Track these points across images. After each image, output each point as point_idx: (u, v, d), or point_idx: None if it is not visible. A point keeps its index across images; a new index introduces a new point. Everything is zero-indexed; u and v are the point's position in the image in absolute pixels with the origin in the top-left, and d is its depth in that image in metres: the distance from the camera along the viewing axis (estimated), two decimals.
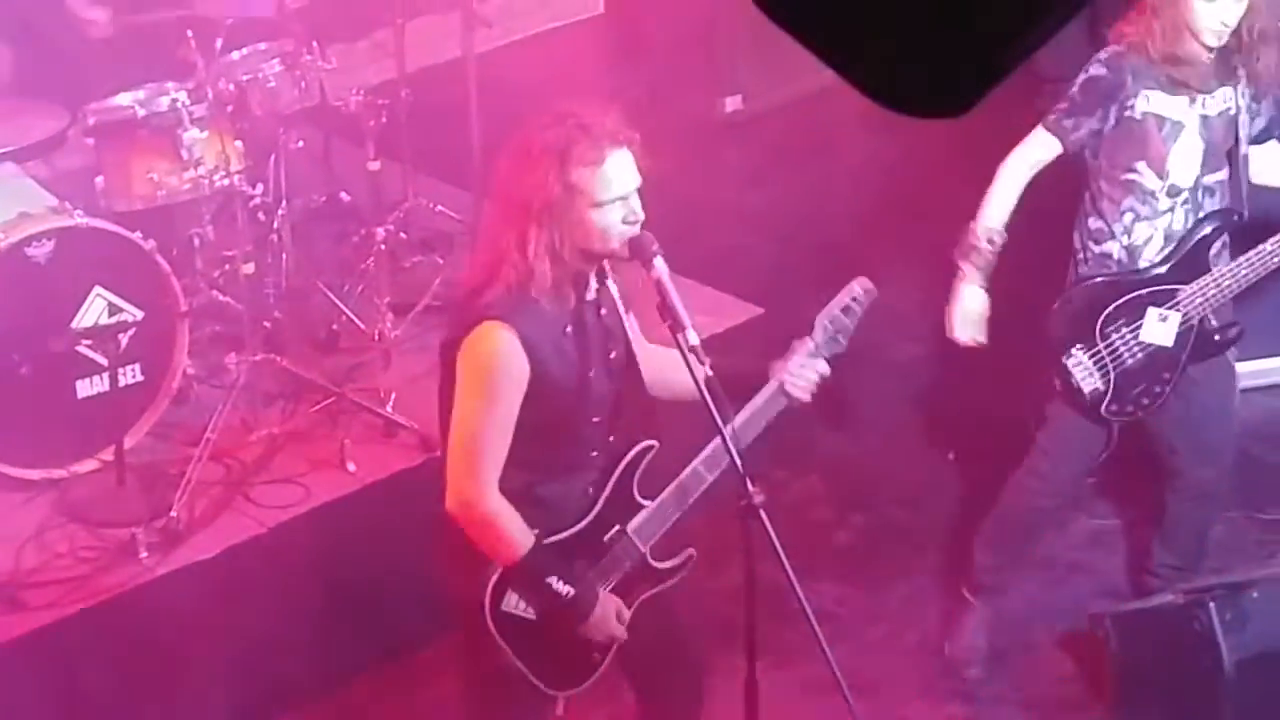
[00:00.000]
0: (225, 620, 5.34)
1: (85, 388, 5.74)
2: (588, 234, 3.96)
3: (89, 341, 5.69)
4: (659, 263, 3.97)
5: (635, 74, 7.53)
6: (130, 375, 5.79)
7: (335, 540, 5.63)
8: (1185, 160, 4.96)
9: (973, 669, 5.40)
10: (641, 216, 4.00)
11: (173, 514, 5.54)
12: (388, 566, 5.48)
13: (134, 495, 5.61)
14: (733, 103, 8.32)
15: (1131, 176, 4.97)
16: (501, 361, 3.97)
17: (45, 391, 5.64)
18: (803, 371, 4.14)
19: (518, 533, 4.03)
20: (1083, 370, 5.06)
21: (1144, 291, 5.03)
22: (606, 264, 4.11)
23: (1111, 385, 5.06)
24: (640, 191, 4.01)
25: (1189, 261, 5.01)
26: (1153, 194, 4.97)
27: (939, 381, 6.52)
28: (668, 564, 4.27)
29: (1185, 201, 4.99)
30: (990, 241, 4.99)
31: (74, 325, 5.67)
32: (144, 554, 5.47)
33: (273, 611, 5.37)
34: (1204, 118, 4.95)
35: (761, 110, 8.22)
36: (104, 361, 5.71)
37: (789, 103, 8.10)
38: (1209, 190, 5.01)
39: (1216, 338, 5.10)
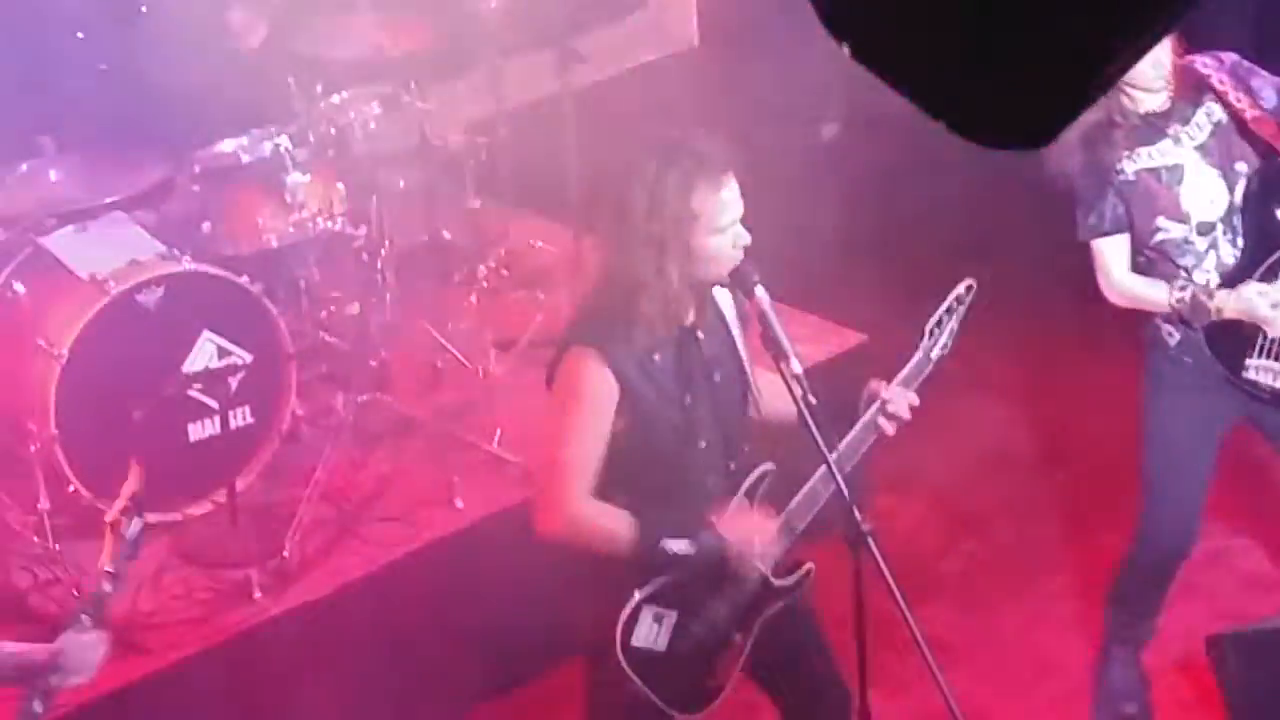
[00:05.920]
0: (339, 657, 5.38)
1: (197, 431, 5.80)
2: (699, 259, 3.97)
3: (200, 385, 5.74)
4: (760, 291, 3.98)
5: (731, 105, 7.53)
6: (241, 417, 5.85)
7: (445, 576, 5.66)
8: (1200, 195, 4.64)
9: (1129, 706, 5.26)
10: (748, 241, 4.01)
11: (285, 554, 5.59)
12: (497, 601, 5.50)
13: (247, 536, 5.65)
14: (829, 130, 8.31)
15: (1160, 237, 4.65)
16: (588, 384, 3.99)
17: (158, 435, 5.71)
18: (901, 395, 4.14)
19: (617, 522, 4.03)
20: (1268, 374, 4.70)
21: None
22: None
23: None
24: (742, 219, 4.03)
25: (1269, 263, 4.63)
26: (1185, 240, 4.65)
27: (1042, 399, 6.48)
28: (787, 581, 4.27)
29: (1225, 232, 4.65)
30: (1182, 290, 4.62)
31: (185, 369, 5.73)
32: (258, 594, 5.52)
33: (385, 648, 5.41)
34: (1199, 148, 4.64)
35: (858, 136, 8.20)
36: (215, 404, 5.78)
37: (885, 128, 8.07)
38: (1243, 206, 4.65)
39: None
